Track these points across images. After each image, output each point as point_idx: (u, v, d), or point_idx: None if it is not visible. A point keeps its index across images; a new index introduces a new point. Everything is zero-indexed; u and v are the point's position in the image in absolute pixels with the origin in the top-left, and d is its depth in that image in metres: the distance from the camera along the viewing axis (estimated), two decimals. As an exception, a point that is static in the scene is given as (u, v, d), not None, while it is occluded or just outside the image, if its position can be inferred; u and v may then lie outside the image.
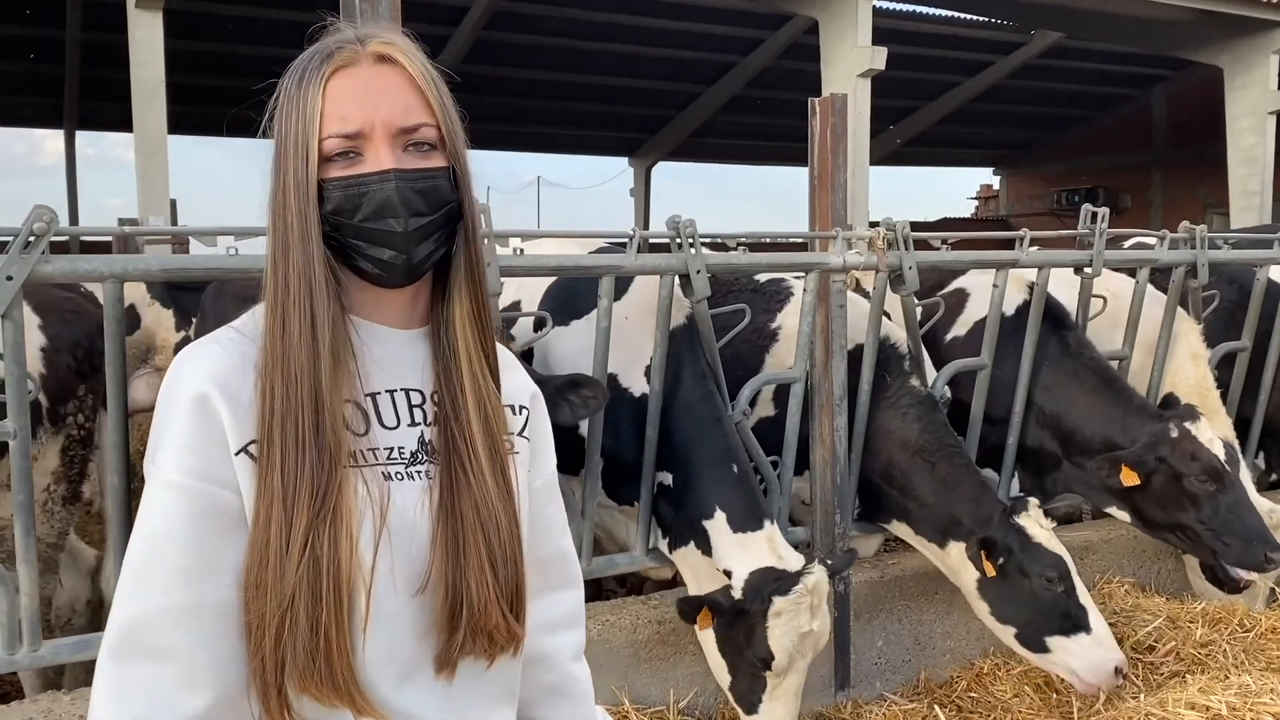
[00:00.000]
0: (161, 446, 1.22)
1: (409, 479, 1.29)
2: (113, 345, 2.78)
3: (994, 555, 3.47)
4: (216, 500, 1.21)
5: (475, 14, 15.11)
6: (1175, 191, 21.88)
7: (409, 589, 1.26)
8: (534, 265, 3.35)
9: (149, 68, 8.22)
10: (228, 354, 1.25)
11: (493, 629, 1.29)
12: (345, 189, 1.25)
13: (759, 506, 3.38)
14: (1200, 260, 4.62)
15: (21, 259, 2.47)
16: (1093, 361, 4.32)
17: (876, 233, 3.79)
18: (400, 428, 1.31)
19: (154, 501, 1.21)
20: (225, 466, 1.21)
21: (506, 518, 1.31)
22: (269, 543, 1.18)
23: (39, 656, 2.76)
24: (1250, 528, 3.80)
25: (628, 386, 3.63)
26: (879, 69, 11.23)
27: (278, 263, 1.26)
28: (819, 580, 3.15)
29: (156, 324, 6.88)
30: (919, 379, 4.02)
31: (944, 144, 23.58)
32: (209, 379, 1.22)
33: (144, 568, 1.20)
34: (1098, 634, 3.37)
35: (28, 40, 14.27)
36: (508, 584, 1.30)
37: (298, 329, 1.23)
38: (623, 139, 21.44)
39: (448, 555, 1.27)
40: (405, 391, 1.32)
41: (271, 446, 1.20)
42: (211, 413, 1.21)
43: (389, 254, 1.26)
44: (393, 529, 1.25)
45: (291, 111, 1.26)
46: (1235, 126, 14.18)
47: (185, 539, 1.20)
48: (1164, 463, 3.85)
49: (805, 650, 3.16)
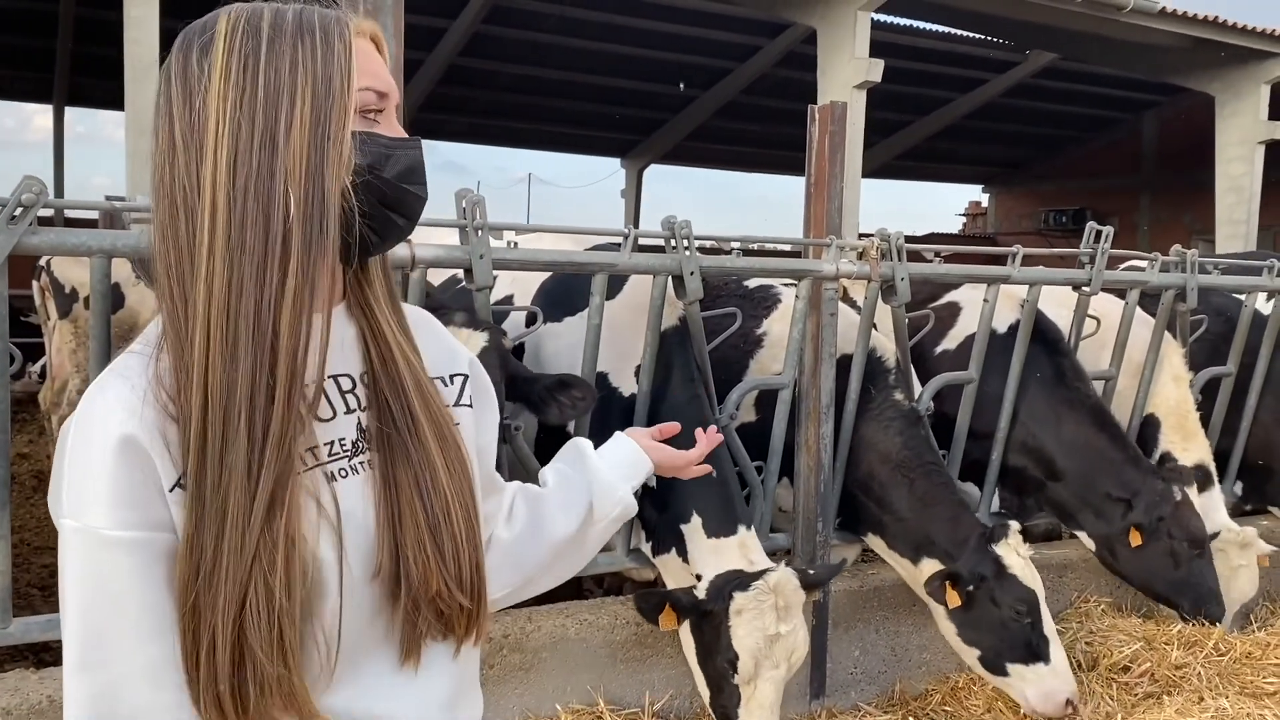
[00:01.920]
0: (85, 500, 1.09)
1: (351, 473, 1.21)
2: (98, 322, 2.74)
3: (962, 585, 3.47)
4: (161, 546, 1.10)
5: (474, 7, 15.06)
6: (1162, 216, 22.03)
7: (365, 579, 1.20)
8: (527, 260, 3.33)
9: (143, 46, 8.14)
10: (134, 386, 1.12)
11: (438, 600, 1.22)
12: (383, 147, 1.19)
13: (735, 512, 3.36)
14: (1190, 284, 4.64)
15: (8, 230, 2.43)
16: (1089, 398, 4.35)
17: (870, 242, 3.80)
18: (336, 417, 1.22)
19: (92, 562, 1.09)
20: (161, 507, 1.10)
21: (456, 491, 1.24)
22: (221, 540, 1.08)
23: (8, 634, 2.72)
24: (1213, 588, 4.13)
25: (617, 386, 3.62)
26: (875, 81, 11.25)
27: (244, 226, 1.12)
28: (781, 579, 3.11)
29: (141, 304, 6.83)
30: (903, 392, 4.01)
31: (935, 159, 23.64)
32: (128, 416, 1.10)
33: (100, 634, 1.09)
34: (1056, 665, 3.48)
35: (19, 14, 14.12)
36: (457, 557, 1.23)
37: (249, 314, 1.11)
38: (616, 140, 21.40)
39: (390, 528, 1.20)
40: (334, 378, 1.23)
41: (206, 465, 1.09)
42: (137, 453, 1.09)
43: (402, 221, 1.23)
44: (345, 532, 1.17)
45: (314, 54, 1.14)
46: (1224, 154, 14.28)
47: (143, 594, 1.09)
48: (1162, 523, 3.98)
49: (776, 657, 3.10)
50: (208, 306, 1.09)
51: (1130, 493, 4.05)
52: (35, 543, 5.80)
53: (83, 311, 6.87)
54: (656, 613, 3.14)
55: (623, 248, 3.39)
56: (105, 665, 1.09)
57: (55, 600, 4.28)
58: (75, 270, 6.85)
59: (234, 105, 1.11)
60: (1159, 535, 4.00)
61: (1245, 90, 14.02)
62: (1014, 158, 24.40)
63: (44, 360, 7.16)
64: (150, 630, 1.10)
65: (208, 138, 1.11)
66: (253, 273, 1.10)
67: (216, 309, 1.09)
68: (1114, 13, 12.36)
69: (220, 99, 1.11)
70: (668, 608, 3.14)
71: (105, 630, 1.09)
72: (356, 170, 1.16)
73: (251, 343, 1.09)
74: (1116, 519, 4.06)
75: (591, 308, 3.37)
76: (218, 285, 1.09)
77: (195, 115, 1.12)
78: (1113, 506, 4.08)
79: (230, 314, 1.09)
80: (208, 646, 1.09)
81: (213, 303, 1.09)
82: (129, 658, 1.09)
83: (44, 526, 6.22)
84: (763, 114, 19.56)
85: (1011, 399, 4.23)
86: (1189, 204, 20.48)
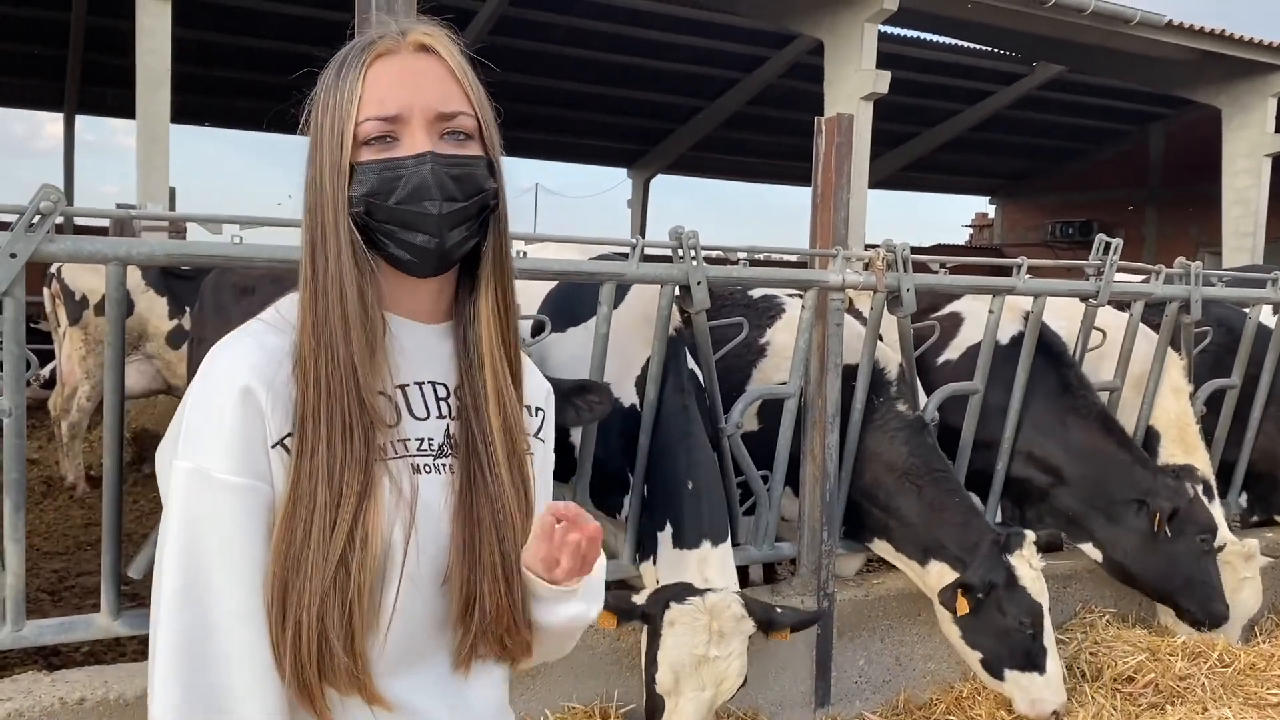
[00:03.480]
0: (204, 444, 1.20)
1: (435, 472, 1.29)
2: (113, 329, 2.77)
3: (973, 594, 3.49)
4: (263, 497, 1.21)
5: (482, 18, 15.13)
6: (1169, 229, 22.03)
7: (433, 581, 1.27)
8: (535, 269, 3.35)
9: (155, 55, 8.21)
10: (262, 346, 1.25)
11: (504, 634, 1.30)
12: (381, 171, 1.24)
13: (703, 526, 3.33)
14: (1194, 296, 4.66)
15: (26, 237, 2.47)
16: (1095, 405, 4.38)
17: (876, 253, 3.82)
18: (430, 419, 1.31)
19: (201, 503, 1.19)
20: (264, 461, 1.21)
21: (521, 521, 1.31)
22: (310, 529, 1.18)
23: (21, 637, 2.75)
24: (1217, 587, 4.19)
25: (618, 396, 3.64)
26: (882, 93, 11.28)
27: (315, 250, 1.26)
28: (719, 602, 3.07)
29: (149, 311, 6.89)
30: (907, 402, 4.03)
31: (941, 170, 23.68)
32: (250, 371, 1.22)
33: (201, 573, 1.18)
34: (1050, 677, 3.56)
35: (32, 22, 14.23)
36: (520, 590, 1.30)
37: (335, 315, 1.23)
38: (623, 150, 21.46)
39: (464, 556, 1.27)
40: (432, 384, 1.33)
41: (309, 436, 1.20)
42: (254, 406, 1.21)
43: (422, 238, 1.26)
44: (419, 522, 1.25)
45: (329, 99, 1.26)
46: (1231, 167, 14.30)
47: (246, 539, 1.19)
48: (1177, 514, 4.05)
49: (703, 679, 3.06)
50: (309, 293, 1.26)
51: (1141, 492, 4.12)
52: (44, 548, 5.83)
53: (93, 318, 6.92)
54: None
55: (630, 257, 3.42)
56: (203, 603, 1.18)
57: (65, 605, 4.31)
58: (86, 277, 6.90)
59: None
60: (1177, 528, 4.06)
61: (1252, 103, 14.04)
62: (1020, 169, 24.42)
63: (51, 365, 7.19)
64: (248, 575, 1.19)
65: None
66: (324, 285, 1.25)
67: (309, 299, 1.26)
68: (1121, 25, 12.40)
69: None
70: (606, 611, 3.11)
71: (207, 570, 1.18)
72: (357, 200, 1.25)
73: (330, 337, 1.23)
74: (1129, 519, 4.13)
75: (599, 317, 3.39)
76: (316, 273, 1.26)
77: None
78: (1124, 508, 4.15)
79: (318, 312, 1.25)
80: (294, 626, 1.18)
81: (308, 293, 1.26)
82: (227, 598, 1.18)
83: (53, 532, 6.25)
84: (769, 125, 19.61)
85: (1016, 409, 4.25)
86: (1195, 217, 20.47)
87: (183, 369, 6.30)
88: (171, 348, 6.88)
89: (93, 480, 7.22)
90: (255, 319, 1.30)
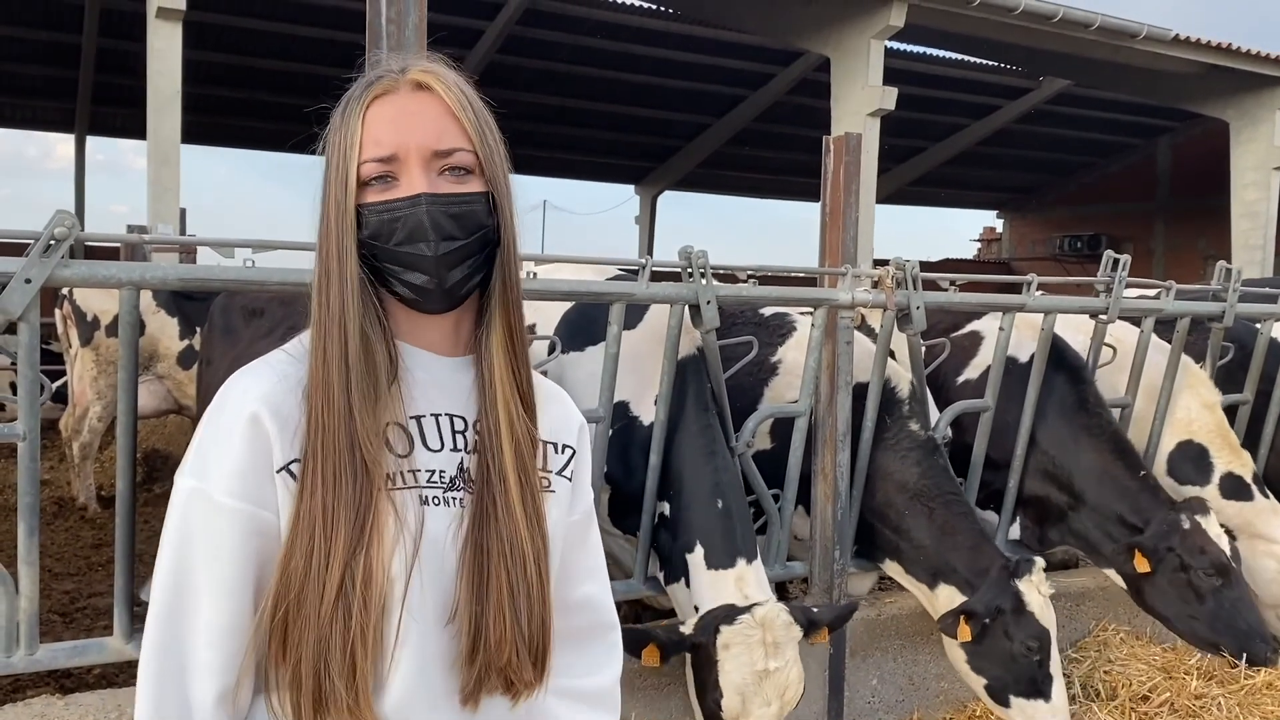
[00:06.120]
0: (209, 466, 1.24)
1: (444, 505, 1.29)
2: (126, 351, 2.79)
3: (977, 620, 3.44)
4: (261, 523, 1.23)
5: (490, 37, 15.23)
6: (1177, 242, 22.00)
7: (438, 618, 1.27)
8: (546, 289, 3.36)
9: (165, 77, 8.26)
10: (277, 374, 1.28)
11: (508, 670, 1.28)
12: (379, 214, 1.26)
13: (735, 544, 3.31)
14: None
15: (41, 262, 2.48)
16: (1109, 425, 4.31)
17: (885, 271, 3.82)
18: (444, 451, 1.31)
19: (196, 521, 1.23)
20: (269, 487, 1.24)
21: (534, 557, 1.30)
22: (310, 561, 1.19)
23: (35, 660, 2.75)
24: (1252, 625, 3.90)
25: (637, 414, 3.64)
26: (889, 109, 11.31)
27: (320, 285, 1.27)
28: (769, 613, 3.04)
29: (160, 332, 6.91)
30: (918, 421, 4.01)
31: (949, 185, 23.70)
32: (260, 398, 1.25)
33: (182, 589, 1.22)
34: (1055, 704, 3.48)
35: (43, 45, 14.35)
36: (530, 626, 1.29)
37: (335, 358, 1.24)
38: (630, 167, 21.53)
39: (472, 590, 1.27)
40: (449, 416, 1.33)
41: (312, 466, 1.22)
42: (260, 431, 1.24)
43: (421, 278, 1.27)
44: (424, 556, 1.25)
45: (335, 140, 1.29)
46: (1239, 180, 14.28)
47: (232, 559, 1.22)
48: (1172, 553, 3.88)
49: (767, 694, 3.02)
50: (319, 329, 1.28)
51: (1143, 520, 3.99)
52: (56, 569, 5.83)
53: (104, 339, 6.95)
54: (639, 648, 3.06)
55: (640, 277, 3.42)
56: (180, 618, 1.22)
57: (76, 627, 4.31)
58: (97, 299, 6.93)
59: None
60: (1171, 566, 3.88)
61: (1260, 116, 14.04)
62: (1028, 184, 24.42)
63: (60, 383, 7.21)
64: (232, 592, 1.22)
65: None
66: (326, 324, 1.27)
67: (315, 338, 1.28)
68: (1127, 40, 12.42)
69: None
70: (651, 645, 3.07)
71: (188, 587, 1.22)
72: (365, 243, 1.27)
73: (327, 379, 1.24)
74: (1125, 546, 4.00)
75: (609, 337, 3.40)
76: (321, 308, 1.28)
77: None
78: (1125, 534, 4.02)
79: (319, 352, 1.27)
80: (294, 659, 1.20)
81: (314, 333, 1.28)
82: (206, 611, 1.21)
83: (65, 553, 6.25)
84: (776, 141, 19.67)
85: (1028, 426, 4.23)
86: (1204, 229, 20.45)
87: (193, 389, 6.32)
88: (182, 368, 6.90)
89: (103, 500, 7.24)
90: (280, 349, 1.33)
